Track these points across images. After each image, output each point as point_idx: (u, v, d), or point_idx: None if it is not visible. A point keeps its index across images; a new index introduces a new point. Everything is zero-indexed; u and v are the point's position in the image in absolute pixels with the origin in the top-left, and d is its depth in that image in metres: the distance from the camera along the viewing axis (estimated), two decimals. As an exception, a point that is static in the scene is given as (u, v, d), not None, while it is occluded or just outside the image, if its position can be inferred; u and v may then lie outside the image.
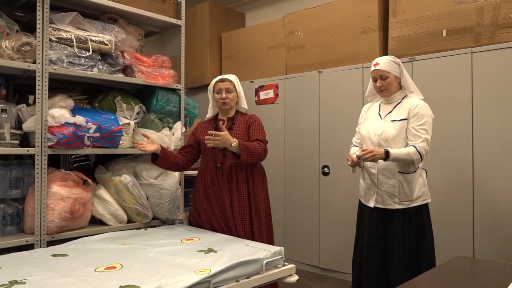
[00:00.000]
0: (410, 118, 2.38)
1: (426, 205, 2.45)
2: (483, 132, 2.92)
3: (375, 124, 2.50)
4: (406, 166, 2.39)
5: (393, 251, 2.39)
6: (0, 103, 2.45)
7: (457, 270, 1.72)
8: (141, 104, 3.05)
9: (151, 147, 2.59)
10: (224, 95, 2.65)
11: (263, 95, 4.32)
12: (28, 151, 2.46)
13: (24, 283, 1.65)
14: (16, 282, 1.66)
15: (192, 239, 2.37)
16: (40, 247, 2.41)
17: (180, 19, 3.26)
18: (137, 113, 3.01)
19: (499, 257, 2.82)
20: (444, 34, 3.14)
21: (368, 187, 2.52)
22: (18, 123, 2.52)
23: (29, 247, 2.38)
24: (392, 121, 2.42)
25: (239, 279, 1.86)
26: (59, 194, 2.51)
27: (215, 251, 2.09)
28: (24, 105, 2.56)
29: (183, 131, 3.15)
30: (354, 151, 2.45)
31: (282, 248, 2.13)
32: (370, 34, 3.55)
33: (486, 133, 2.91)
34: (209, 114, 2.84)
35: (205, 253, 2.06)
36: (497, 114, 2.86)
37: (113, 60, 2.84)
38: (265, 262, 1.97)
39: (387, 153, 2.30)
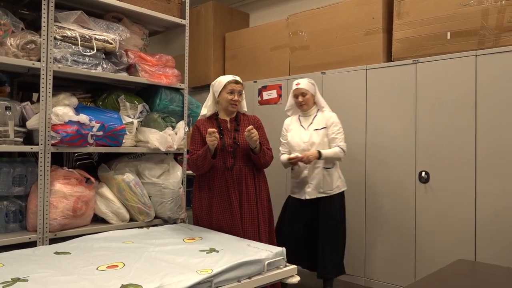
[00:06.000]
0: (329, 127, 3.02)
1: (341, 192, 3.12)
2: (486, 134, 2.91)
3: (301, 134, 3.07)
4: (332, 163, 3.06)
5: None
6: (4, 100, 2.46)
7: (458, 274, 1.72)
8: (145, 103, 3.06)
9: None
10: (237, 97, 2.63)
11: (266, 95, 4.32)
12: (31, 148, 2.47)
13: (27, 280, 1.66)
14: (18, 279, 1.67)
15: (194, 239, 2.37)
16: (43, 245, 2.42)
17: (185, 19, 3.26)
18: (141, 112, 3.02)
19: (501, 260, 2.81)
20: (449, 37, 3.13)
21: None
22: (22, 121, 2.53)
23: (31, 244, 2.40)
24: (315, 130, 3.03)
25: (240, 279, 1.86)
26: (62, 192, 2.52)
27: (217, 251, 2.09)
28: (28, 102, 2.58)
29: (186, 130, 3.15)
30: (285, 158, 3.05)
31: (283, 249, 2.13)
32: (374, 35, 3.54)
33: (489, 135, 2.90)
34: (208, 112, 2.73)
35: (207, 253, 2.07)
36: (501, 117, 2.85)
37: (117, 59, 2.85)
38: (266, 262, 1.97)
39: (319, 153, 2.92)
